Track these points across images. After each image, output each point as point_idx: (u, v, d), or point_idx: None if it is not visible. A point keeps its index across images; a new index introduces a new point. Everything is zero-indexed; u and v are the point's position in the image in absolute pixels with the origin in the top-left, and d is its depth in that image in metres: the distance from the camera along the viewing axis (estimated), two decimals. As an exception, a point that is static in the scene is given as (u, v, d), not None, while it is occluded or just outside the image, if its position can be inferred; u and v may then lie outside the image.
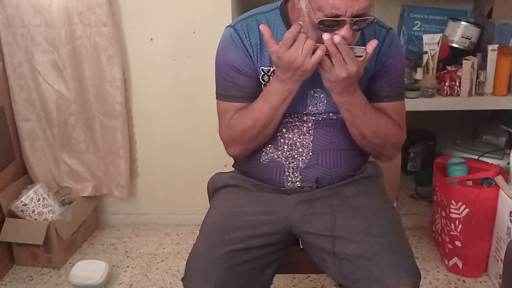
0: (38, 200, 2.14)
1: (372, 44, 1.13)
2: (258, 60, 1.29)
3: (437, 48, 2.09)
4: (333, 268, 1.23)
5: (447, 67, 2.18)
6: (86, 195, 2.36)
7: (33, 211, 2.12)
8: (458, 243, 1.97)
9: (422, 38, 2.14)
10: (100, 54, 2.16)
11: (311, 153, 1.32)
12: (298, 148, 1.32)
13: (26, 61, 2.18)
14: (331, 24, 1.10)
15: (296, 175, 1.33)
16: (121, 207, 2.50)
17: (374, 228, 1.22)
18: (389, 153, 1.35)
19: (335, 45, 1.09)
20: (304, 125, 1.32)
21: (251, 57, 1.29)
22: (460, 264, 2.01)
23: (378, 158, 1.40)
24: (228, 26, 1.33)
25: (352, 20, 1.10)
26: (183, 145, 2.36)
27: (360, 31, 1.17)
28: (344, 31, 1.10)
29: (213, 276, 1.15)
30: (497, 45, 2.06)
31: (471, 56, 2.10)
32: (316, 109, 1.31)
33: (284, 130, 1.32)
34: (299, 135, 1.32)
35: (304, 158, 1.32)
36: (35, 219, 2.13)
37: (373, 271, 1.14)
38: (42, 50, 2.15)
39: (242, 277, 1.19)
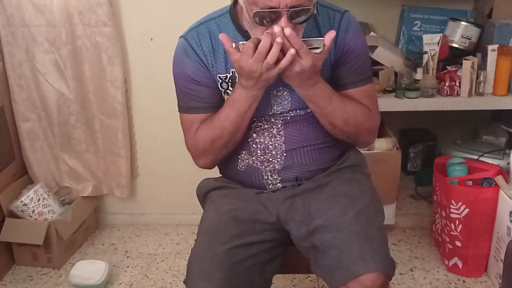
0: (38, 200, 2.14)
1: (330, 36, 1.11)
2: (214, 67, 1.28)
3: (437, 48, 2.09)
4: (314, 262, 1.22)
5: (447, 67, 2.18)
6: (86, 195, 2.36)
7: (33, 211, 2.12)
8: (458, 243, 1.97)
9: (422, 38, 2.14)
10: (100, 54, 2.16)
11: (285, 154, 1.31)
12: (271, 151, 1.31)
13: (26, 61, 2.18)
14: (266, 16, 1.09)
15: (275, 177, 1.33)
16: (121, 207, 2.50)
17: (349, 215, 1.20)
18: (364, 139, 1.34)
19: (286, 38, 1.07)
20: (274, 127, 1.31)
21: (206, 65, 1.28)
22: (460, 264, 2.01)
23: (356, 145, 1.39)
24: (181, 36, 1.32)
25: (288, 11, 1.08)
26: (183, 145, 2.33)
27: (304, 23, 1.15)
28: (283, 22, 1.08)
29: (215, 275, 1.15)
30: (497, 45, 2.06)
31: (471, 56, 2.10)
32: (282, 108, 1.30)
33: (254, 135, 1.32)
34: (270, 138, 1.31)
35: (279, 159, 1.31)
36: (35, 219, 2.13)
37: (343, 259, 1.13)
38: (43, 50, 2.15)
39: (244, 274, 1.19)
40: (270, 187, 1.34)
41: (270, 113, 1.30)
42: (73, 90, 2.20)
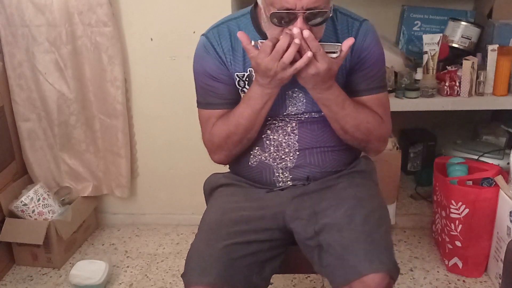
0: (38, 200, 2.14)
1: (348, 42, 1.13)
2: (232, 66, 1.30)
3: (437, 48, 2.10)
4: (318, 261, 1.23)
5: (447, 67, 2.18)
6: (86, 195, 2.36)
7: (33, 211, 2.12)
8: (458, 243, 1.97)
9: (422, 38, 2.14)
10: (101, 54, 2.16)
11: (298, 153, 1.32)
12: (284, 148, 1.32)
13: (26, 61, 2.18)
14: (282, 17, 1.11)
15: (286, 175, 1.34)
16: (121, 207, 2.50)
17: (357, 217, 1.21)
18: (375, 146, 1.36)
19: (304, 40, 1.09)
20: (288, 125, 1.32)
21: (224, 63, 1.30)
22: (460, 264, 2.01)
23: (366, 152, 1.40)
24: (202, 34, 1.34)
25: (304, 13, 1.09)
26: (183, 145, 2.36)
27: (321, 26, 1.17)
28: (298, 24, 1.10)
29: (212, 270, 1.15)
30: (497, 45, 2.06)
31: (471, 56, 2.10)
32: (297, 109, 1.32)
33: (268, 131, 1.33)
34: (284, 136, 1.32)
35: (291, 158, 1.32)
36: (35, 219, 2.13)
37: (349, 259, 1.14)
38: (44, 49, 2.15)
39: (241, 272, 1.19)
40: (280, 184, 1.35)
41: (285, 113, 1.32)
42: (73, 90, 2.20)
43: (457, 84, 2.07)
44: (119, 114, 2.24)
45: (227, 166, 1.49)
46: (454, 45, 2.29)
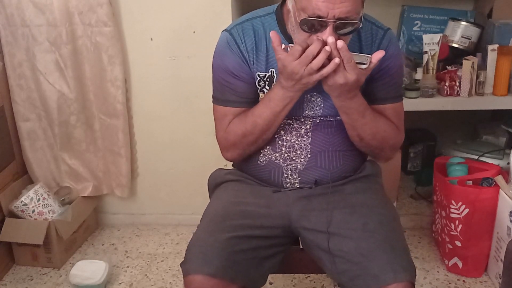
0: (38, 200, 2.14)
1: (378, 55, 1.13)
2: (254, 65, 1.29)
3: (437, 48, 2.10)
4: (330, 266, 1.23)
5: (447, 67, 2.18)
6: (86, 195, 2.36)
7: (33, 211, 2.12)
8: (458, 243, 1.97)
9: (422, 38, 2.14)
10: (101, 53, 2.16)
11: (309, 155, 1.32)
12: (296, 150, 1.32)
13: (26, 61, 2.18)
14: (313, 24, 1.11)
15: (295, 176, 1.33)
16: (121, 207, 2.50)
17: (371, 224, 1.22)
18: (387, 154, 1.36)
19: (337, 49, 1.09)
20: (302, 127, 1.32)
21: (247, 62, 1.29)
22: (460, 264, 2.01)
23: (376, 159, 1.41)
24: (224, 30, 1.33)
25: (335, 22, 1.09)
26: (183, 145, 2.36)
27: (349, 36, 1.17)
28: (328, 32, 1.10)
29: (214, 261, 1.15)
30: (497, 45, 2.06)
31: (471, 56, 2.10)
32: (313, 113, 1.32)
33: (282, 132, 1.33)
34: (297, 137, 1.32)
35: (302, 160, 1.32)
36: (35, 219, 2.13)
37: (370, 267, 1.14)
38: (44, 49, 2.15)
39: (241, 265, 1.19)
40: (287, 185, 1.34)
41: (302, 115, 1.32)
42: (74, 89, 2.20)
43: (457, 84, 2.07)
44: (119, 114, 2.24)
45: (231, 165, 1.49)
46: (454, 45, 2.29)
